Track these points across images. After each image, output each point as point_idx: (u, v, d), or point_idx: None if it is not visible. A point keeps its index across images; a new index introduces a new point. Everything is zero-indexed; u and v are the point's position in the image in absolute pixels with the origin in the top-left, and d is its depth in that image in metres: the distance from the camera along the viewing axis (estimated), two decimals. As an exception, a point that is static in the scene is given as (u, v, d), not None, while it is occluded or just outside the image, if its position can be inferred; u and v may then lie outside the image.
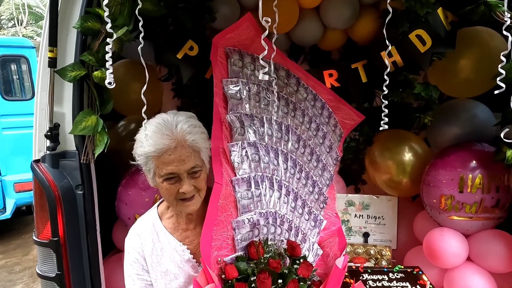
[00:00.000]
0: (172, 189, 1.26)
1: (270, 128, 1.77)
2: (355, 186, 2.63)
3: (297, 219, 1.77)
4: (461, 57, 2.03)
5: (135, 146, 1.30)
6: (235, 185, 1.52)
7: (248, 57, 1.79)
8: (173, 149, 1.22)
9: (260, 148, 1.70)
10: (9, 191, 5.25)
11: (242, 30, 1.75)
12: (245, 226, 1.47)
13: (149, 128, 1.26)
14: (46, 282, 1.69)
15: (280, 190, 1.73)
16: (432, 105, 2.10)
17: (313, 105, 1.98)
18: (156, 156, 1.23)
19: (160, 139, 1.22)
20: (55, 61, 1.61)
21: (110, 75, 1.43)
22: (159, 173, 1.25)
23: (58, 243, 1.62)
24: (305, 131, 1.93)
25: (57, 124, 1.68)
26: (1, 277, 4.42)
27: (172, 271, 1.38)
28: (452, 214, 1.95)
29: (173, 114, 1.30)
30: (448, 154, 2.00)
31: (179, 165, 1.23)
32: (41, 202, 1.64)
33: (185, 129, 1.24)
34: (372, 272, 1.82)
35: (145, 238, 1.39)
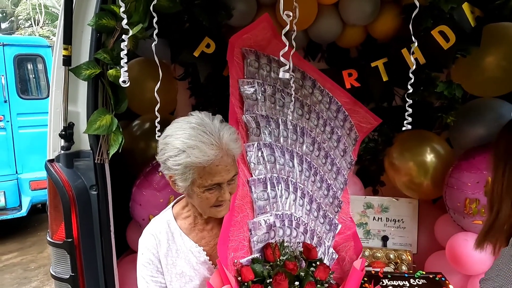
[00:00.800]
0: (212, 198, 1.21)
1: (285, 129, 1.75)
2: (373, 187, 2.56)
3: (312, 222, 1.75)
4: (487, 54, 1.95)
5: (168, 154, 1.17)
6: (251, 185, 1.50)
7: (264, 58, 1.77)
8: (220, 159, 1.16)
9: (275, 149, 1.69)
10: (25, 189, 5.31)
11: (259, 30, 1.72)
12: (262, 227, 1.44)
13: (189, 135, 1.15)
14: (60, 283, 1.66)
15: (296, 192, 1.71)
16: (455, 104, 2.02)
17: (328, 108, 1.96)
18: (200, 167, 1.15)
19: (208, 149, 1.14)
20: (69, 59, 1.59)
21: (124, 73, 1.40)
22: (201, 184, 1.17)
23: (72, 244, 1.60)
24: (320, 134, 1.91)
25: (71, 123, 1.65)
26: (17, 274, 4.46)
27: (187, 273, 1.34)
28: (477, 218, 1.88)
29: (208, 118, 1.21)
30: (473, 156, 1.92)
31: (225, 175, 1.18)
32: (55, 203, 1.62)
33: (229, 137, 1.18)
34: (392, 278, 1.76)
35: (160, 239, 1.35)
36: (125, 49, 1.40)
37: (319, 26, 2.07)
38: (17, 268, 4.61)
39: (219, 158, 1.15)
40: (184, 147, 1.14)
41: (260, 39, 1.74)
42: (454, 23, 1.84)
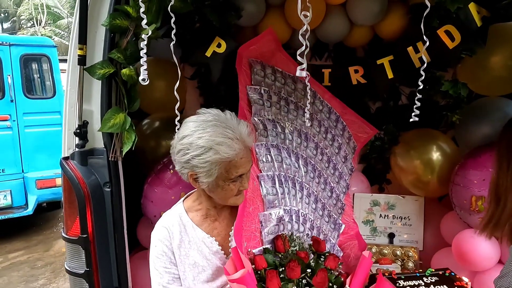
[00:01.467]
0: (235, 189, 1.28)
1: (290, 133, 1.84)
2: (380, 185, 2.59)
3: (318, 220, 1.82)
4: (493, 53, 1.97)
5: (194, 153, 1.21)
6: (261, 180, 1.57)
7: (269, 69, 1.88)
8: (243, 151, 1.24)
9: (282, 151, 1.77)
10: (31, 188, 5.34)
11: (264, 43, 1.86)
12: (272, 220, 1.50)
13: (214, 133, 1.20)
14: (74, 278, 1.70)
15: (302, 191, 1.77)
16: (460, 103, 2.04)
17: (328, 117, 2.06)
18: (227, 162, 1.21)
19: (235, 144, 1.21)
20: (84, 58, 1.62)
21: (144, 71, 1.43)
22: (227, 177, 1.24)
23: (87, 240, 1.63)
24: (322, 140, 2.00)
25: (85, 121, 1.68)
26: (24, 272, 4.50)
27: (200, 263, 1.38)
28: (483, 215, 1.90)
29: (224, 115, 1.27)
30: (479, 154, 1.94)
31: (247, 166, 1.27)
32: (70, 199, 1.66)
33: (246, 131, 1.26)
34: (406, 279, 1.75)
35: (173, 231, 1.38)
36: (144, 48, 1.44)
37: (327, 26, 2.10)
38: (24, 266, 4.65)
39: (243, 151, 1.22)
40: (211, 144, 1.19)
41: (265, 51, 1.87)
42: (459, 22, 1.87)
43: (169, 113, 2.37)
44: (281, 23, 2.11)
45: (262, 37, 1.86)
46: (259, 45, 1.83)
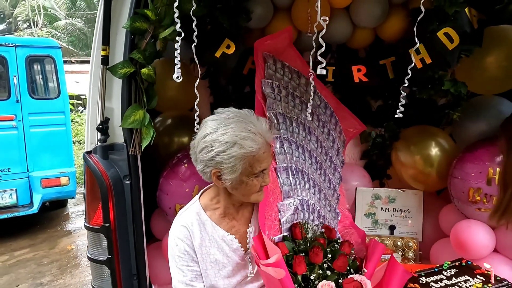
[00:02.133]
0: (258, 184, 1.31)
1: (297, 127, 1.94)
2: (380, 180, 2.70)
3: (322, 209, 1.92)
4: (488, 54, 2.09)
5: (218, 149, 1.23)
6: (278, 172, 1.67)
7: (279, 63, 1.97)
8: (265, 146, 1.27)
9: (291, 143, 1.87)
10: (36, 187, 5.41)
11: (280, 39, 1.95)
12: (289, 209, 1.58)
13: (237, 129, 1.23)
14: (96, 265, 1.80)
15: (309, 182, 1.88)
16: (460, 101, 2.16)
17: (324, 112, 2.17)
18: (251, 156, 1.24)
19: (258, 138, 1.24)
20: (107, 59, 1.72)
21: (178, 70, 1.55)
22: (251, 172, 1.27)
23: (109, 229, 1.73)
24: (320, 134, 2.11)
25: (107, 118, 1.79)
26: (31, 269, 4.58)
27: (220, 260, 1.41)
28: (479, 206, 2.01)
29: (244, 113, 1.31)
30: (476, 148, 2.06)
31: (269, 160, 1.30)
32: (93, 190, 1.76)
33: (265, 127, 1.29)
34: (426, 275, 1.76)
35: (193, 230, 1.39)
36: (178, 48, 1.55)
37: (331, 28, 2.20)
38: (31, 263, 4.73)
39: (265, 146, 1.27)
40: (236, 139, 1.21)
41: (279, 47, 1.96)
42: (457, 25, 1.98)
43: (180, 111, 2.50)
44: (288, 25, 2.22)
45: (280, 34, 1.94)
46: (275, 41, 1.91)
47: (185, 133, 2.35)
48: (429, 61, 2.00)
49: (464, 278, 1.67)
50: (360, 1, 2.12)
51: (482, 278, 1.66)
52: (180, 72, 1.56)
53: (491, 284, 1.57)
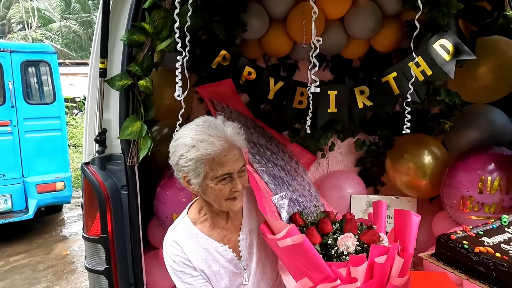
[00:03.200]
0: (226, 190, 1.28)
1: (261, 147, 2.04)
2: (375, 187, 2.74)
3: (307, 203, 1.93)
4: (480, 65, 2.13)
5: (179, 153, 1.26)
6: (260, 174, 1.71)
7: (223, 104, 2.16)
8: (227, 149, 1.24)
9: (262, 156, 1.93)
10: (31, 192, 5.39)
11: (221, 87, 2.17)
12: (285, 201, 1.63)
13: (196, 132, 1.25)
14: (94, 275, 1.81)
15: (290, 185, 1.91)
16: (454, 110, 2.20)
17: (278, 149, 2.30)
18: (210, 159, 1.23)
19: (216, 140, 1.23)
20: (105, 71, 1.75)
21: (179, 88, 1.61)
22: (213, 175, 1.25)
23: (107, 239, 1.75)
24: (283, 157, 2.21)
25: (105, 129, 1.81)
26: (26, 275, 4.56)
27: (217, 272, 1.41)
28: (471, 214, 2.05)
29: (213, 119, 1.32)
30: (468, 157, 2.10)
31: (234, 164, 1.26)
32: (91, 201, 1.78)
33: (232, 131, 1.28)
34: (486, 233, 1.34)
35: (185, 246, 1.38)
36: (179, 67, 1.62)
37: (326, 39, 2.22)
38: (26, 269, 4.71)
39: (226, 149, 1.25)
40: (193, 142, 1.23)
41: (221, 93, 2.18)
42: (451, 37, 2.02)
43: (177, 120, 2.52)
44: (283, 36, 2.26)
45: (219, 84, 2.18)
46: (215, 89, 2.14)
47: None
48: (430, 73, 2.03)
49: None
50: (354, 13, 2.17)
51: None
52: (182, 90, 1.57)
53: None
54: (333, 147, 2.70)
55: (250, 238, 1.46)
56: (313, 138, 2.56)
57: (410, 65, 2.01)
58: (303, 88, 2.34)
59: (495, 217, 1.99)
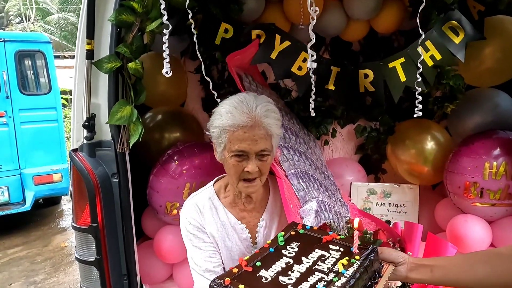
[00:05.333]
0: (239, 167, 1.28)
1: (286, 132, 1.91)
2: (375, 175, 2.67)
3: (335, 205, 1.88)
4: (485, 46, 2.05)
5: (212, 118, 1.32)
6: (290, 179, 1.62)
7: (249, 76, 2.00)
8: (249, 127, 1.24)
9: (289, 149, 1.83)
10: (28, 184, 5.34)
11: (248, 54, 1.97)
12: (311, 213, 1.54)
13: (229, 103, 1.29)
14: (84, 266, 1.75)
15: (315, 182, 1.84)
16: (457, 94, 2.12)
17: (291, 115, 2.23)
18: (231, 131, 1.25)
19: (239, 115, 1.24)
20: (92, 53, 1.66)
21: (167, 64, 1.50)
22: (230, 148, 1.27)
23: (97, 229, 1.68)
24: (304, 135, 2.12)
25: (93, 114, 1.73)
26: (24, 267, 4.53)
27: (229, 248, 1.41)
28: (475, 200, 1.99)
29: (254, 96, 1.32)
30: (472, 142, 2.03)
31: (251, 144, 1.25)
32: (80, 190, 1.70)
33: (263, 112, 1.27)
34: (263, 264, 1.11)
35: (204, 212, 1.41)
36: (166, 42, 1.51)
37: (325, 20, 2.15)
38: (24, 261, 4.67)
39: (248, 126, 1.24)
40: (222, 111, 1.28)
41: (246, 62, 1.99)
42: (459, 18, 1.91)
43: (171, 107, 2.44)
44: (280, 18, 2.16)
45: (248, 48, 1.96)
46: (243, 55, 1.93)
47: (176, 129, 2.29)
48: (439, 57, 1.94)
49: (316, 254, 1.11)
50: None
51: (338, 248, 1.14)
52: (170, 67, 1.49)
53: (358, 256, 1.08)
54: (335, 134, 2.63)
55: (269, 227, 1.45)
56: (314, 124, 2.49)
57: (419, 50, 1.90)
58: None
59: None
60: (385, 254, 1.15)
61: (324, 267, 1.07)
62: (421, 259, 1.20)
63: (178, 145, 2.07)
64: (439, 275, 1.08)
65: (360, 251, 1.11)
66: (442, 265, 1.10)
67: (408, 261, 1.12)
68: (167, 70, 1.49)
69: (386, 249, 1.18)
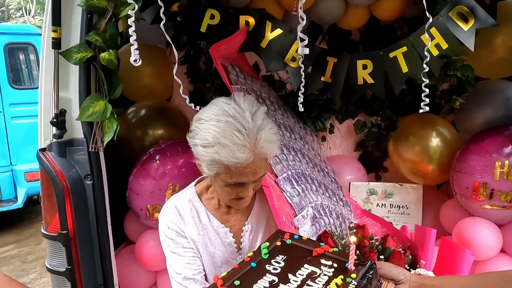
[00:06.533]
0: (233, 193, 1.16)
1: (280, 128, 1.76)
2: (376, 173, 2.52)
3: (337, 207, 1.75)
4: (496, 34, 1.89)
5: (198, 142, 1.11)
6: (281, 186, 1.47)
7: (236, 68, 1.82)
8: (250, 162, 1.07)
9: (282, 148, 1.68)
10: (20, 181, 5.22)
11: (234, 43, 1.78)
12: (306, 222, 1.41)
13: (222, 131, 1.06)
14: (56, 276, 1.60)
15: (314, 183, 1.71)
16: (466, 86, 1.94)
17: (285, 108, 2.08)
18: (228, 167, 1.07)
19: (239, 152, 1.04)
20: (59, 42, 1.50)
21: (135, 51, 1.35)
22: (225, 179, 1.12)
23: (67, 236, 1.54)
24: (300, 130, 1.97)
25: (63, 110, 1.57)
26: (14, 266, 4.42)
27: (212, 254, 1.30)
28: (485, 203, 1.83)
29: (249, 111, 1.09)
30: (482, 139, 1.87)
31: (251, 177, 1.11)
32: (49, 193, 1.55)
33: (266, 139, 1.08)
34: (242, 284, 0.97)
35: (184, 215, 1.29)
36: (133, 25, 1.36)
37: (321, 6, 1.98)
38: (15, 260, 4.56)
39: (250, 162, 1.06)
40: (215, 142, 1.06)
41: (233, 51, 1.80)
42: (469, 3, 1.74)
43: (156, 101, 2.28)
44: (272, 3, 1.99)
45: (235, 37, 1.75)
46: (229, 45, 1.74)
47: (161, 125, 2.13)
48: (446, 46, 1.76)
49: (306, 271, 0.97)
50: (353, -25, 1.89)
51: (331, 264, 0.99)
52: (138, 54, 1.33)
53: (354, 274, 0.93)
54: (333, 130, 2.47)
55: (256, 231, 1.34)
56: (310, 119, 2.33)
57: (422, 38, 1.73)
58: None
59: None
60: (384, 270, 1.02)
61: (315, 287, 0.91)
62: (425, 277, 1.07)
63: (161, 143, 1.91)
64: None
65: (357, 268, 0.96)
66: (449, 285, 0.98)
67: (410, 279, 1.00)
68: (136, 58, 1.31)
69: (385, 264, 1.05)
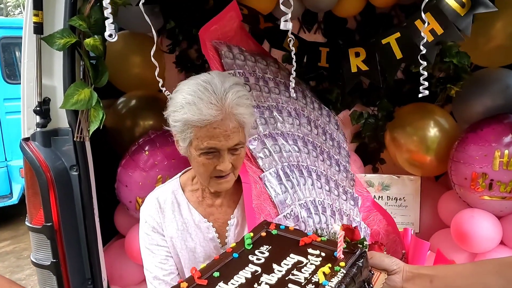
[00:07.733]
0: (209, 165, 1.11)
1: (280, 114, 1.67)
2: (373, 165, 2.48)
3: (336, 201, 1.67)
4: (495, 20, 1.83)
5: (170, 109, 1.11)
6: (265, 182, 1.39)
7: (235, 48, 1.71)
8: (219, 121, 1.05)
9: (277, 138, 1.60)
10: (15, 177, 5.18)
11: (227, 21, 1.68)
12: (288, 222, 1.33)
13: (191, 91, 1.06)
14: (41, 270, 1.56)
15: (311, 176, 1.62)
16: (462, 74, 1.89)
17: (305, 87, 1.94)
18: (197, 127, 1.05)
19: (206, 108, 1.03)
20: (41, 26, 1.45)
21: (110, 25, 1.28)
22: (197, 146, 1.08)
23: (52, 229, 1.49)
24: (311, 111, 1.85)
25: (47, 98, 1.52)
26: (10, 262, 4.38)
27: (192, 249, 1.25)
28: (484, 193, 1.79)
29: (219, 78, 1.09)
30: (481, 128, 1.83)
31: (223, 140, 1.07)
32: (33, 184, 1.51)
33: (234, 100, 1.06)
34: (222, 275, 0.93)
35: (165, 208, 1.25)
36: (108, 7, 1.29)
37: (315, -8, 1.93)
38: (10, 256, 4.52)
39: (219, 121, 1.04)
40: (183, 102, 1.06)
41: (228, 30, 1.70)
42: None
43: (147, 91, 2.23)
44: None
45: (225, 14, 1.66)
46: (221, 24, 1.65)
47: (152, 116, 2.08)
48: (441, 32, 1.71)
49: (292, 261, 0.91)
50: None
51: (319, 253, 0.94)
52: (114, 30, 1.28)
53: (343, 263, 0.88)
54: (329, 121, 2.42)
55: (242, 225, 1.27)
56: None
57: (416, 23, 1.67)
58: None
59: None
60: (375, 260, 0.99)
61: (300, 277, 0.86)
62: (419, 267, 1.02)
63: (150, 134, 1.86)
64: (441, 287, 0.93)
65: (346, 256, 0.91)
66: (445, 275, 0.94)
67: (403, 269, 0.97)
68: (111, 32, 1.25)
69: (377, 254, 1.01)
